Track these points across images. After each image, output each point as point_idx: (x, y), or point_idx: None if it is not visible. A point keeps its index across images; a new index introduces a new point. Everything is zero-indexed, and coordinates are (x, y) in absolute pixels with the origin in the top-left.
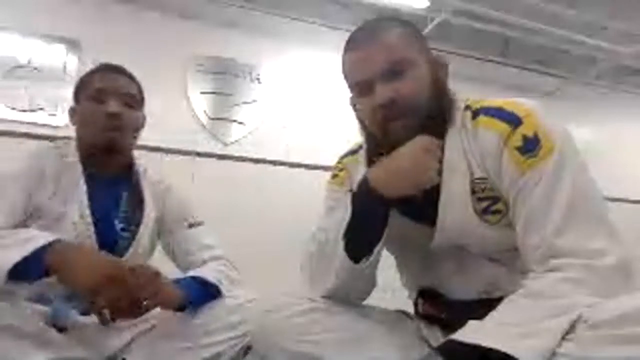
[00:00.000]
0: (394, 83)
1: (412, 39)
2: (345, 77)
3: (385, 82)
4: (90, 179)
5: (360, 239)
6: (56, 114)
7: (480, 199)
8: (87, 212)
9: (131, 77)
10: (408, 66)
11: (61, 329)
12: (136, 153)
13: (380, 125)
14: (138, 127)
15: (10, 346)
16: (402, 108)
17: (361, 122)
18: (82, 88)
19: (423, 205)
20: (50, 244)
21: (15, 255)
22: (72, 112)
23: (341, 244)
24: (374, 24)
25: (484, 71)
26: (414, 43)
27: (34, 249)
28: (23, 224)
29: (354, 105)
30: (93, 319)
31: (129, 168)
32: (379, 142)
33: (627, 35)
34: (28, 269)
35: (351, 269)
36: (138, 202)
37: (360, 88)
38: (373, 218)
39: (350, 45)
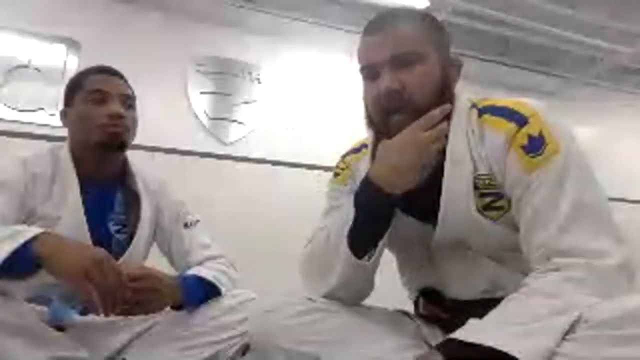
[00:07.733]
0: (401, 74)
1: (429, 33)
2: (358, 60)
3: (392, 71)
4: (83, 182)
5: (364, 236)
6: (56, 114)
7: (482, 195)
8: (81, 215)
9: (124, 79)
10: (417, 59)
11: (60, 329)
12: (135, 153)
13: (381, 115)
14: (135, 128)
15: (8, 343)
16: (404, 101)
17: (367, 109)
18: (77, 90)
19: (425, 203)
20: (38, 237)
21: (4, 249)
22: (64, 114)
23: (344, 242)
24: (394, 12)
25: (484, 71)
26: (429, 38)
27: (23, 241)
28: None
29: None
30: (92, 319)
31: (123, 170)
32: (380, 133)
33: (627, 35)
34: (18, 263)
35: (355, 265)
36: (133, 203)
37: (368, 73)
38: (377, 215)
39: (367, 29)
